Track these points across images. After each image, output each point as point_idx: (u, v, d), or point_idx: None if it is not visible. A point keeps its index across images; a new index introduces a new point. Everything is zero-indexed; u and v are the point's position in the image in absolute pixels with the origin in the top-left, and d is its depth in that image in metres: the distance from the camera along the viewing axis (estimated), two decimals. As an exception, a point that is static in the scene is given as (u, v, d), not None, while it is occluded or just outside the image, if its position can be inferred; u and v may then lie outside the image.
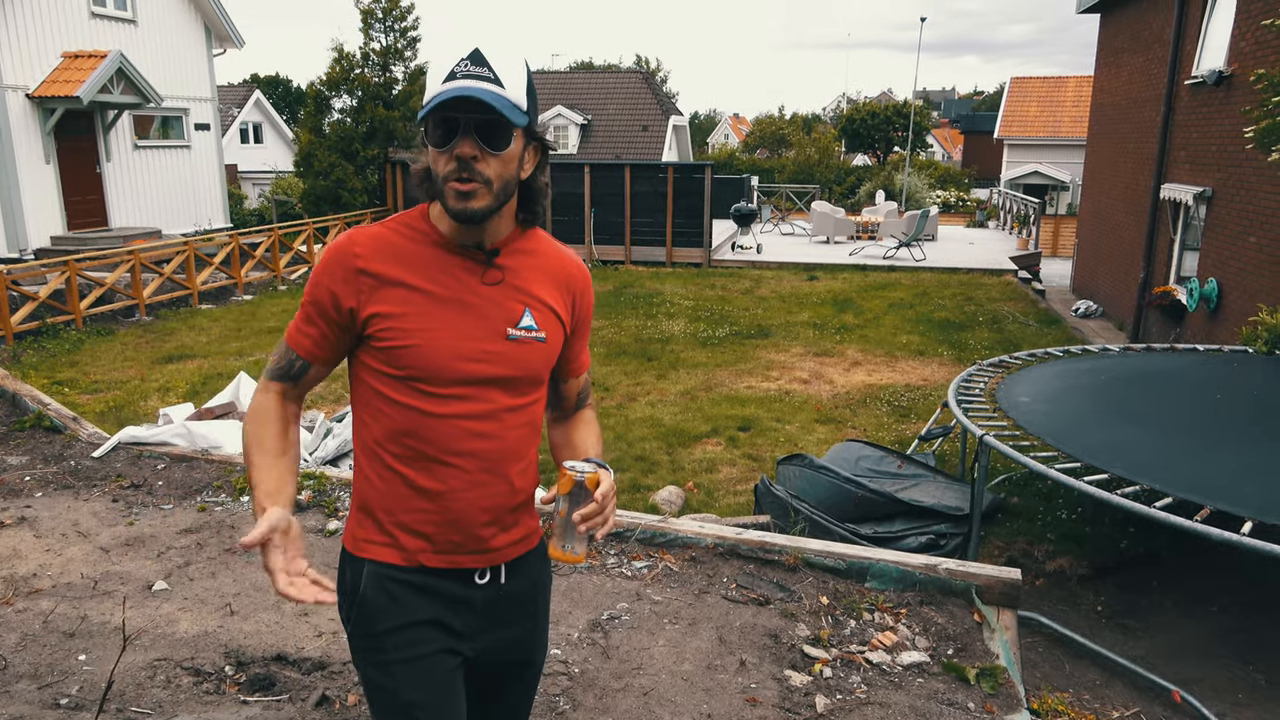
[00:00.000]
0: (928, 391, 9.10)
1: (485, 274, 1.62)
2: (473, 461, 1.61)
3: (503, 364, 1.62)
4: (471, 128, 1.49)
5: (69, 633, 3.45)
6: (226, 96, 31.31)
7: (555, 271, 1.72)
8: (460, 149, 1.50)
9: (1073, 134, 28.88)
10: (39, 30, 15.02)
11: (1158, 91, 11.99)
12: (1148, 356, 6.93)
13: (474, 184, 1.51)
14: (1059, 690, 3.87)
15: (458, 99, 1.47)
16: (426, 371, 1.57)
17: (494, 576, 1.69)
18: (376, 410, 1.62)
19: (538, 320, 1.66)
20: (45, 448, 5.49)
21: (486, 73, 1.49)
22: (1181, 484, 4.21)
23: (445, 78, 1.49)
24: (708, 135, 73.97)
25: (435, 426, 1.59)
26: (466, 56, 1.50)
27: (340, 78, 19.18)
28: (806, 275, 16.65)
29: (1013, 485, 6.47)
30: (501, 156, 1.53)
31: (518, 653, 1.78)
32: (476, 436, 1.61)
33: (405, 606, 1.63)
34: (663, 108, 32.08)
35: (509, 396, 1.64)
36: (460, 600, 1.67)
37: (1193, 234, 11.05)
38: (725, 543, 4.07)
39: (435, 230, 1.62)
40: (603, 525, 1.58)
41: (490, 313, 1.61)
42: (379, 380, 1.61)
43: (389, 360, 1.58)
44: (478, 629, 1.69)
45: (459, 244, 1.61)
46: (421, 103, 1.54)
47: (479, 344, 1.60)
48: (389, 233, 1.62)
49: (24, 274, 11.87)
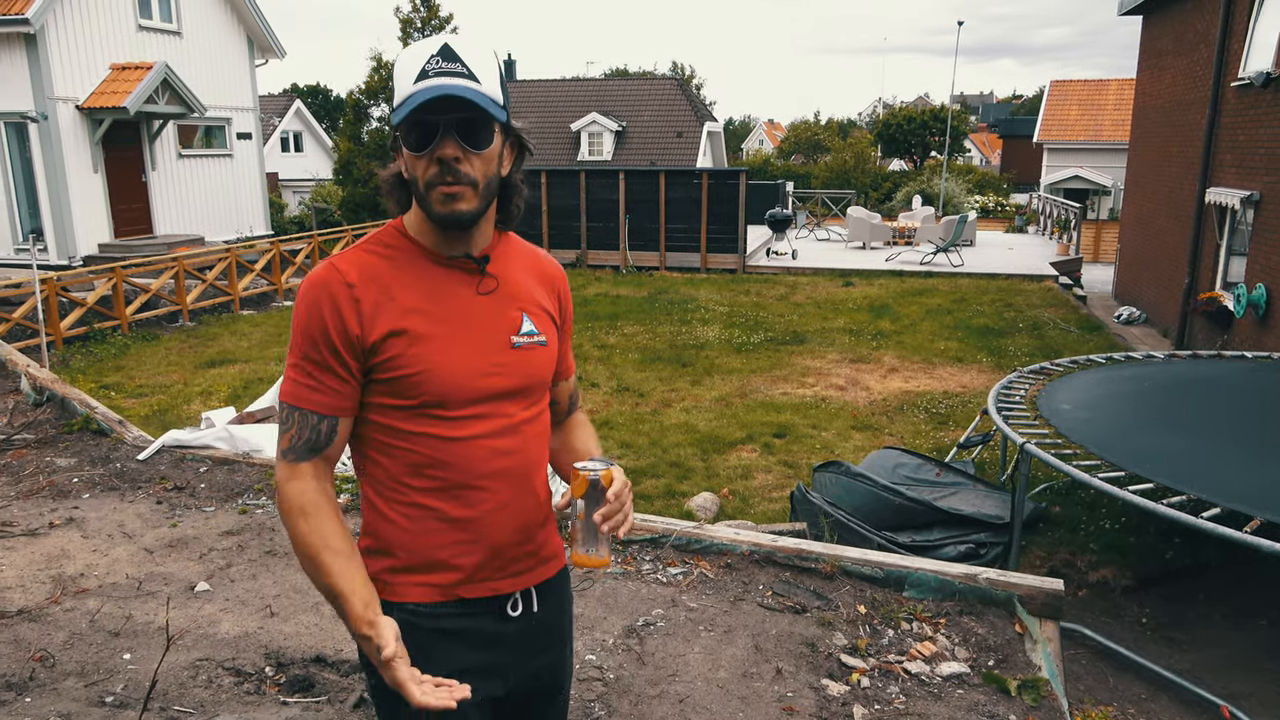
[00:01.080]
0: (966, 399, 8.99)
1: (480, 284, 1.55)
2: (501, 481, 1.55)
3: (513, 374, 1.56)
4: (452, 127, 1.42)
5: (114, 632, 3.52)
6: (268, 106, 31.84)
7: (538, 272, 1.66)
8: (442, 150, 1.42)
9: (1114, 138, 28.41)
10: (88, 43, 15.41)
11: (1203, 94, 11.76)
12: (1194, 363, 6.79)
13: (460, 186, 1.44)
14: (1103, 704, 3.80)
15: (436, 99, 1.39)
16: (442, 396, 1.49)
17: (526, 606, 1.64)
18: (389, 447, 1.52)
19: (536, 324, 1.60)
20: (92, 450, 5.61)
21: (460, 69, 1.42)
22: (1230, 494, 4.11)
23: (416, 77, 1.41)
24: (742, 141, 73.87)
25: (459, 451, 1.51)
26: (436, 53, 1.41)
27: (379, 86, 19.48)
28: (842, 281, 16.54)
29: (1054, 494, 6.36)
30: (484, 155, 1.46)
31: (548, 680, 1.73)
32: (501, 454, 1.55)
33: (437, 662, 1.51)
34: (697, 114, 32.08)
35: (522, 408, 1.58)
36: (494, 636, 1.60)
37: (1240, 239, 10.82)
38: (761, 550, 4.04)
39: (417, 245, 1.53)
40: (624, 522, 1.51)
41: (491, 324, 1.55)
42: (388, 415, 1.51)
43: (399, 391, 1.49)
44: (511, 663, 1.64)
45: (447, 256, 1.53)
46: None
47: (488, 358, 1.53)
48: (370, 255, 1.52)
49: (73, 280, 12.16)
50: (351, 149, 19.56)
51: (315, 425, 1.49)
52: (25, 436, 5.84)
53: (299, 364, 1.49)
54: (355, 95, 20.02)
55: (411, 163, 1.46)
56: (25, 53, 14.45)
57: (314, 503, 1.48)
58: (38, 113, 14.48)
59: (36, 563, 4.13)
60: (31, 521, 4.60)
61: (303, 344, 1.48)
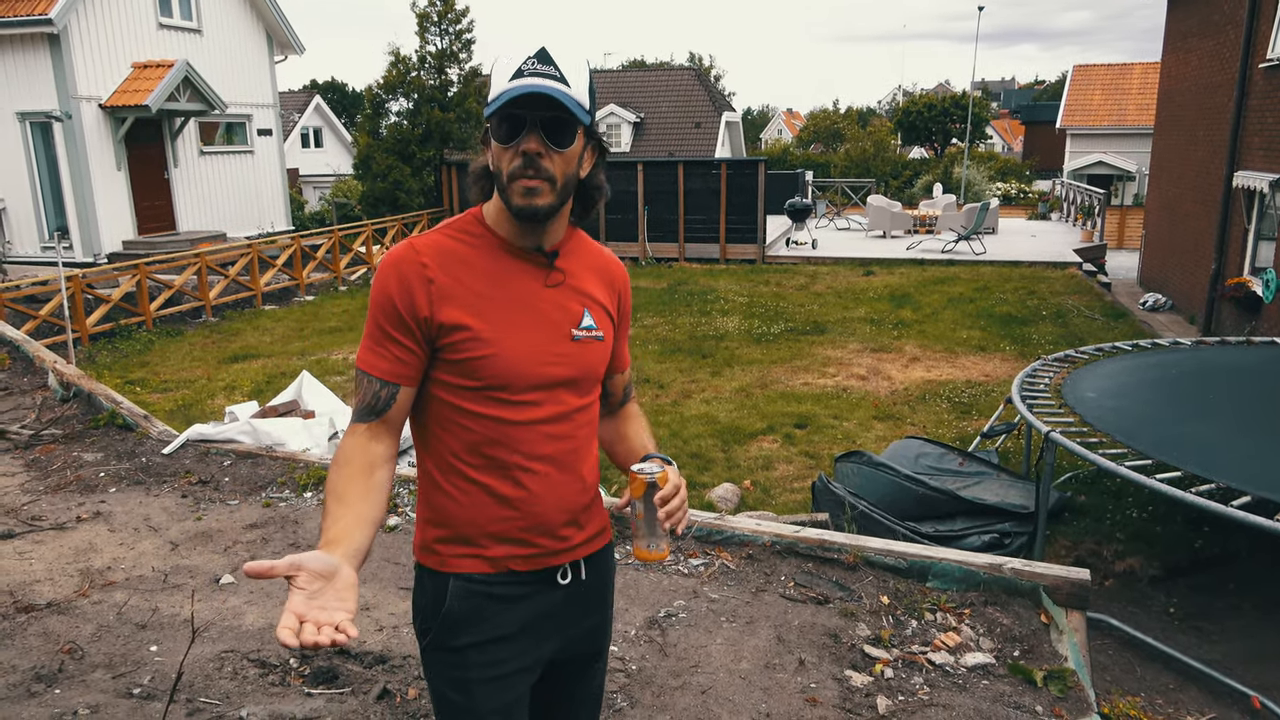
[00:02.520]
0: (989, 388, 8.91)
1: (548, 277, 1.63)
2: (550, 464, 1.62)
3: (571, 365, 1.63)
4: (538, 124, 1.50)
5: (141, 624, 3.55)
6: (288, 102, 32.04)
7: (601, 270, 1.74)
8: (526, 145, 1.50)
9: (1139, 122, 28.02)
10: (110, 42, 15.54)
11: (1230, 76, 11.57)
12: (1221, 350, 6.69)
13: (539, 181, 1.51)
14: (1130, 694, 3.76)
15: (527, 96, 1.47)
16: (506, 380, 1.57)
17: (575, 575, 1.71)
18: (452, 424, 1.60)
19: (596, 320, 1.67)
20: (118, 445, 5.67)
21: (554, 71, 1.50)
22: (1260, 482, 4.05)
23: (512, 75, 1.50)
24: (761, 131, 73.51)
25: (516, 434, 1.59)
26: (534, 55, 1.50)
27: (397, 81, 19.49)
28: (863, 270, 16.43)
29: (1080, 483, 6.30)
30: (566, 154, 1.53)
31: (590, 644, 1.79)
32: (553, 439, 1.62)
33: (490, 621, 1.63)
34: (715, 104, 31.94)
35: (576, 397, 1.66)
36: (543, 605, 1.67)
37: (1269, 223, 10.64)
38: (783, 540, 4.02)
39: (493, 234, 1.61)
40: (683, 519, 1.59)
41: (555, 315, 1.62)
42: (452, 393, 1.59)
43: (465, 372, 1.57)
44: (557, 629, 1.71)
45: (519, 247, 1.61)
46: (475, 105, 1.54)
47: (550, 347, 1.60)
48: (448, 240, 1.60)
49: (98, 277, 12.30)
50: (370, 144, 19.58)
51: (376, 391, 1.57)
52: (53, 432, 5.91)
53: (372, 333, 1.58)
54: (374, 90, 20.05)
55: (498, 154, 1.54)
56: (49, 53, 14.60)
57: (348, 456, 1.56)
58: (62, 112, 14.63)
59: (65, 556, 4.18)
60: (59, 515, 4.66)
61: (377, 314, 1.57)
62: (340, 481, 1.54)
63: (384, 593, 3.79)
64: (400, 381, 1.58)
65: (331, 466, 1.58)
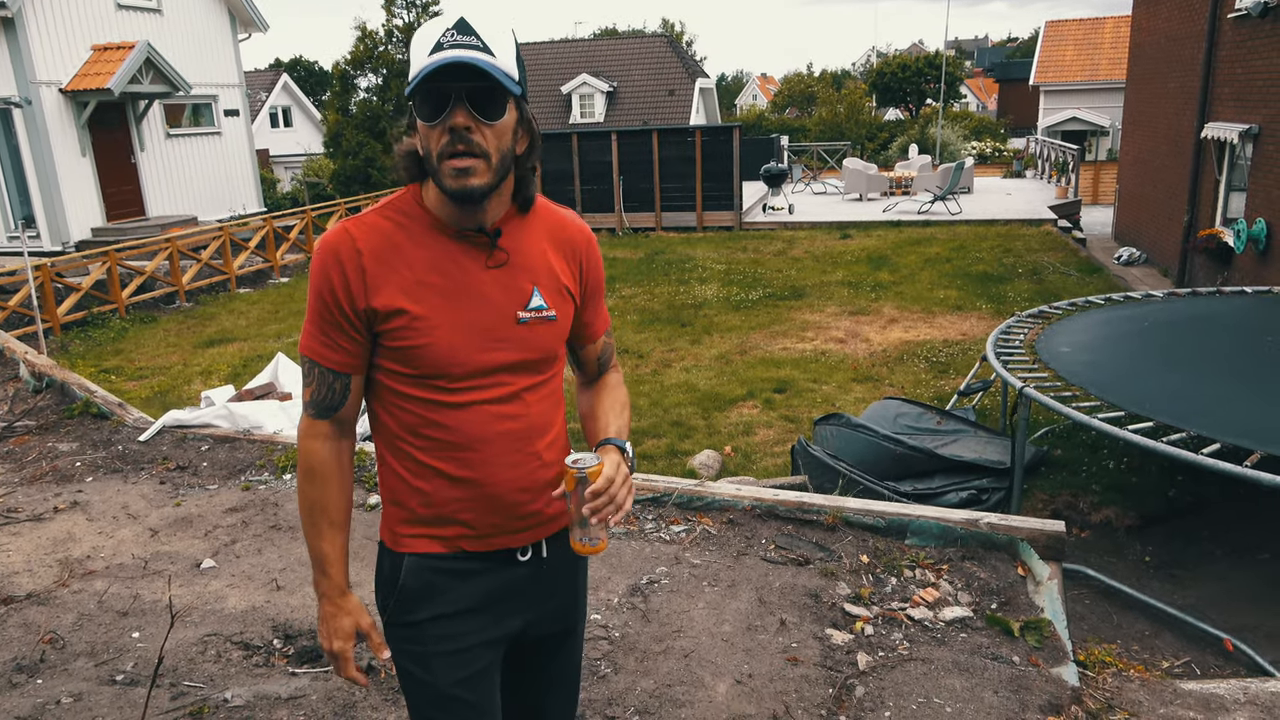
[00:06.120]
0: (966, 346, 8.97)
1: (490, 257, 1.55)
2: (500, 445, 1.57)
3: (516, 349, 1.57)
4: (464, 96, 1.42)
5: (122, 611, 3.54)
6: (254, 82, 31.51)
7: (559, 240, 1.65)
8: (454, 120, 1.43)
9: (1111, 77, 28.02)
10: (68, 25, 15.20)
11: (1199, 26, 11.58)
12: (1193, 301, 6.76)
13: (471, 159, 1.44)
14: (1107, 642, 3.82)
15: (448, 66, 1.40)
16: (442, 369, 1.53)
17: (535, 553, 1.67)
18: (394, 406, 1.58)
19: (547, 299, 1.60)
20: (94, 434, 5.62)
21: (475, 41, 1.43)
22: (1230, 429, 4.11)
23: (431, 49, 1.42)
24: (735, 97, 73.07)
25: (458, 416, 1.55)
26: (452, 26, 1.43)
27: (364, 56, 19.25)
28: (840, 234, 16.45)
29: (1055, 438, 6.37)
30: (496, 127, 1.45)
31: (559, 623, 1.76)
32: (501, 419, 1.57)
33: (446, 595, 1.61)
34: (689, 71, 31.70)
35: (527, 378, 1.60)
36: (503, 580, 1.64)
37: (1239, 174, 10.71)
38: (763, 504, 4.05)
39: (430, 215, 1.54)
40: (616, 511, 1.54)
41: (498, 298, 1.55)
42: (392, 378, 1.56)
43: (401, 359, 1.53)
44: (521, 606, 1.67)
45: (458, 228, 1.54)
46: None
47: (491, 332, 1.55)
48: (385, 221, 1.54)
49: (67, 266, 12.12)
50: (340, 120, 19.38)
51: (331, 383, 1.56)
52: (26, 423, 5.85)
53: (315, 320, 1.55)
54: (341, 66, 19.78)
55: (425, 134, 1.47)
56: (4, 37, 14.27)
57: (322, 464, 1.59)
58: (21, 98, 14.34)
59: (43, 547, 4.15)
60: (36, 507, 4.63)
61: (316, 302, 1.54)
62: (326, 497, 1.60)
63: (366, 570, 3.76)
64: (351, 372, 1.57)
65: (304, 476, 1.60)
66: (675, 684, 2.92)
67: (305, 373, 1.58)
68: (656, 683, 2.93)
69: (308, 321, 1.56)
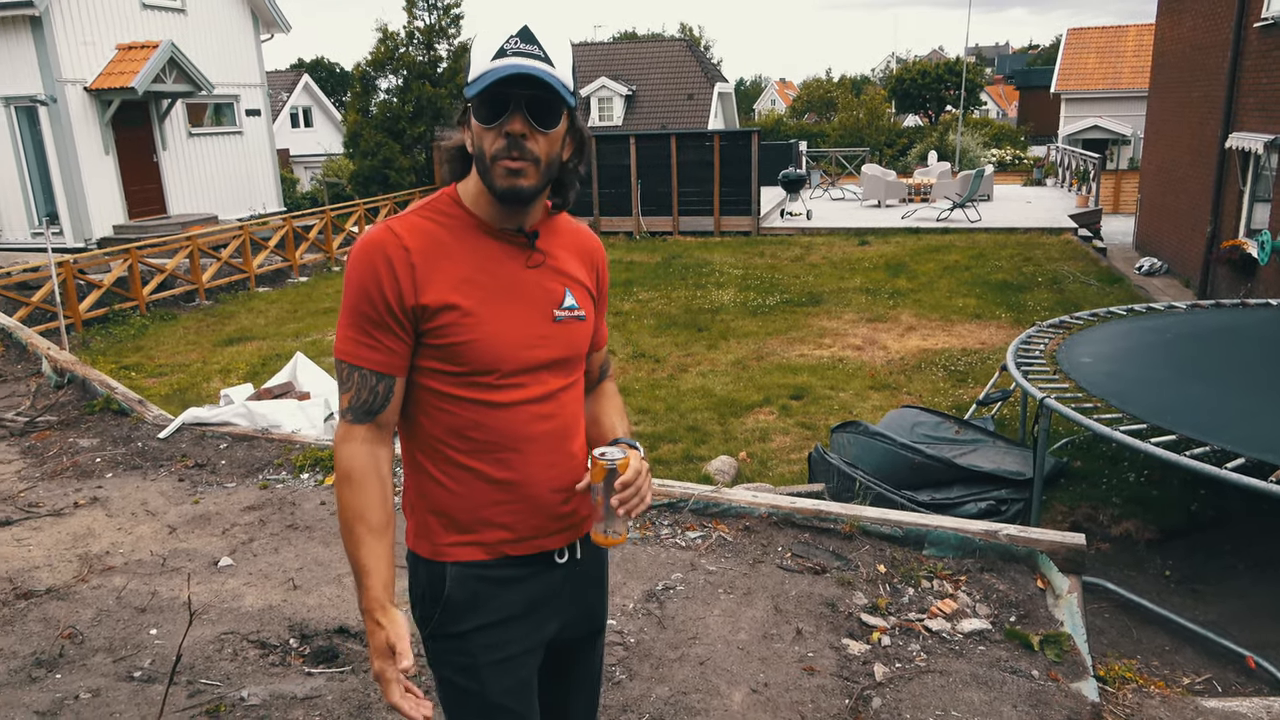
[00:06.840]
0: (985, 355, 8.91)
1: (529, 258, 1.60)
2: (540, 445, 1.61)
3: (555, 346, 1.61)
4: (523, 104, 1.46)
5: (141, 608, 3.56)
6: (276, 82, 31.71)
7: (580, 248, 1.71)
8: (511, 126, 1.46)
9: (1134, 85, 27.79)
10: (94, 24, 15.35)
11: (1224, 36, 11.48)
12: (1216, 313, 6.69)
13: (523, 162, 1.48)
14: (1127, 657, 3.78)
15: (512, 76, 1.43)
16: (490, 365, 1.54)
17: (571, 555, 1.70)
18: (434, 409, 1.58)
19: (577, 299, 1.65)
20: (114, 430, 5.66)
21: (537, 51, 1.46)
22: (1254, 444, 4.06)
23: (494, 54, 1.46)
24: (754, 102, 73.01)
25: (501, 416, 1.57)
26: (516, 34, 1.46)
27: (385, 57, 19.32)
28: (858, 240, 16.38)
29: (1076, 449, 6.31)
30: (550, 135, 1.50)
31: (588, 622, 1.79)
32: (541, 419, 1.60)
33: (490, 604, 1.61)
34: (707, 76, 31.68)
35: (561, 377, 1.64)
36: (543, 585, 1.67)
37: (1264, 185, 10.60)
38: (779, 512, 4.03)
39: (470, 215, 1.57)
40: (639, 506, 1.57)
41: (537, 296, 1.60)
42: (436, 379, 1.56)
43: (448, 358, 1.54)
44: (558, 609, 1.70)
45: (499, 228, 1.58)
46: (466, 80, 1.50)
47: (533, 329, 1.58)
48: (426, 222, 1.56)
49: (89, 263, 12.23)
50: (359, 121, 19.46)
51: (374, 386, 1.54)
52: (48, 418, 5.90)
53: (356, 322, 1.53)
54: (362, 67, 19.88)
55: (480, 135, 1.50)
56: (31, 35, 14.43)
57: (361, 470, 1.55)
58: (47, 96, 14.49)
59: (63, 542, 4.18)
60: (57, 502, 4.66)
61: (359, 302, 1.52)
62: (367, 504, 1.55)
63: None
64: (394, 373, 1.55)
65: (342, 481, 1.55)
66: (691, 691, 2.91)
67: (344, 379, 1.56)
68: (672, 690, 2.92)
69: (345, 326, 1.55)
